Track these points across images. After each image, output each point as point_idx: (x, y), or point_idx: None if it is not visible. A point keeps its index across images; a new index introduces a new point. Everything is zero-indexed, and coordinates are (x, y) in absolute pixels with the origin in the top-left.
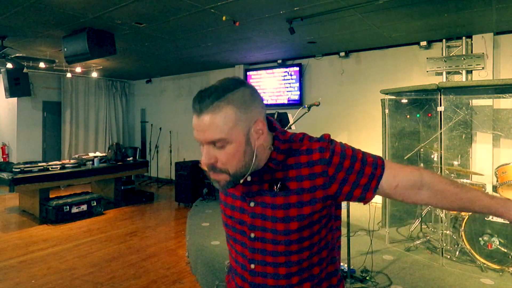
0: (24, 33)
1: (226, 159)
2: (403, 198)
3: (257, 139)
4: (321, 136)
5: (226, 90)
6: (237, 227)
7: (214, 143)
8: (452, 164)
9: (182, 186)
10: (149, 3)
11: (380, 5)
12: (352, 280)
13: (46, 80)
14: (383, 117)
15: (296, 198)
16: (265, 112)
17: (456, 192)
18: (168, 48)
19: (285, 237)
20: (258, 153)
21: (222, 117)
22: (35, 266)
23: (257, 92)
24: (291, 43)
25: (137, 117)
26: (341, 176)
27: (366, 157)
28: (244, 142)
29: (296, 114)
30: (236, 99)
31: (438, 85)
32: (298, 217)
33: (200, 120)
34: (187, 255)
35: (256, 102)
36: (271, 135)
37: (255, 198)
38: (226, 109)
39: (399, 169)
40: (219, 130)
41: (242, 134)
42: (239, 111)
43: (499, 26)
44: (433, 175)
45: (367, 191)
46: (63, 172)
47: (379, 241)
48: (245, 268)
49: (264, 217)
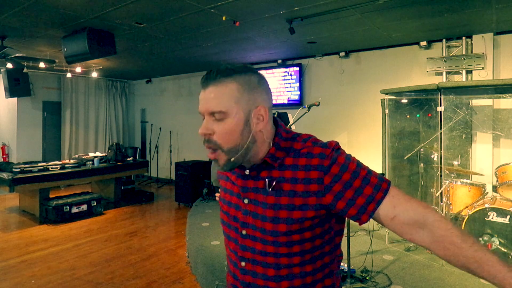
0: (24, 33)
1: (222, 133)
2: (400, 233)
3: (257, 124)
4: (327, 142)
5: (234, 70)
6: (231, 223)
7: (214, 115)
8: (452, 164)
9: (182, 186)
10: (149, 3)
11: (380, 5)
12: (352, 280)
13: (46, 80)
14: (383, 117)
15: (287, 200)
16: (271, 104)
17: (461, 247)
18: (168, 48)
19: (273, 238)
20: (257, 139)
21: (225, 92)
22: (35, 266)
23: (265, 82)
24: (291, 43)
25: (137, 117)
26: (337, 189)
27: (371, 176)
28: (243, 121)
29: (296, 114)
30: (242, 79)
31: (438, 85)
32: (287, 220)
33: (205, 92)
34: (187, 255)
35: (262, 89)
36: (273, 129)
37: (249, 195)
38: (231, 85)
39: (403, 200)
40: (221, 102)
41: (242, 113)
42: (243, 90)
43: (499, 26)
44: (440, 219)
45: (363, 214)
46: (63, 172)
47: (379, 241)
48: (236, 266)
49: (255, 215)
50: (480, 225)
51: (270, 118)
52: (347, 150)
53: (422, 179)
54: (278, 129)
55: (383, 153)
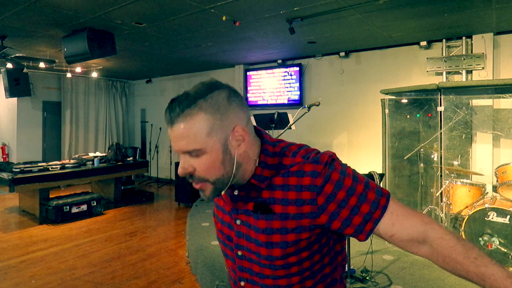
0: (24, 33)
1: (204, 168)
2: (401, 247)
3: (238, 147)
4: (318, 155)
5: (197, 96)
6: (226, 242)
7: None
8: (452, 164)
9: (182, 186)
10: (149, 3)
11: (380, 5)
12: (352, 280)
13: (46, 80)
14: (383, 117)
15: (279, 224)
16: (249, 117)
17: (463, 264)
18: (168, 48)
19: (270, 262)
20: (242, 162)
21: (195, 126)
22: (35, 266)
23: (235, 94)
24: (291, 43)
25: (137, 117)
26: (332, 208)
27: (368, 192)
28: (222, 151)
29: (296, 114)
30: (208, 105)
31: (438, 85)
32: (282, 244)
33: (173, 130)
34: (187, 255)
35: (234, 106)
36: (258, 143)
37: (240, 217)
38: (198, 117)
39: (402, 217)
40: (193, 140)
41: (218, 143)
42: (213, 118)
43: (499, 26)
44: (441, 236)
45: (360, 233)
46: (63, 172)
47: (379, 241)
48: (236, 284)
49: (249, 238)
50: (480, 225)
51: (251, 133)
52: (347, 150)
53: (422, 179)
54: (263, 145)
55: (383, 153)
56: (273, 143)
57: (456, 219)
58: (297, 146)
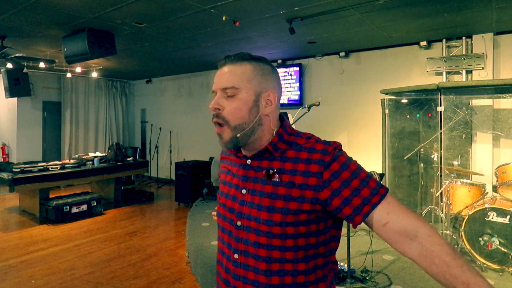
0: (24, 33)
1: (232, 109)
2: (391, 242)
3: (265, 107)
4: (330, 141)
5: (251, 56)
6: (227, 215)
7: (226, 91)
8: (452, 164)
9: (182, 186)
10: (149, 3)
11: (380, 5)
12: (352, 280)
13: (46, 80)
14: (383, 117)
15: (284, 190)
16: (280, 94)
17: (450, 265)
18: (168, 48)
19: (267, 228)
20: (263, 122)
21: (240, 71)
22: (35, 266)
23: (278, 74)
24: (291, 43)
25: (137, 117)
26: (335, 185)
27: (369, 180)
28: (252, 100)
29: (296, 114)
30: (256, 64)
31: (438, 85)
32: (283, 210)
33: (221, 70)
34: (187, 255)
35: (273, 77)
36: (279, 122)
37: (248, 185)
38: (246, 66)
39: (397, 209)
40: (234, 79)
41: (252, 92)
42: (256, 73)
43: (499, 26)
44: (432, 234)
45: (357, 214)
46: (63, 172)
47: (379, 241)
48: (229, 259)
49: (252, 204)
50: (480, 225)
51: (278, 107)
52: (347, 150)
53: (422, 179)
54: (283, 123)
55: (383, 153)
56: (291, 127)
57: (456, 219)
58: (311, 134)
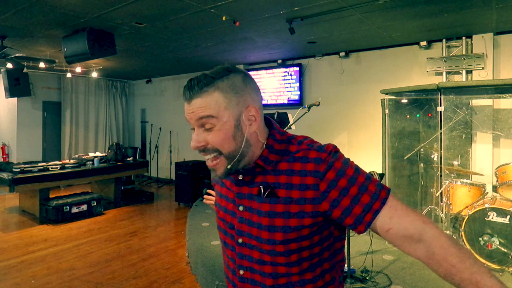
0: (24, 33)
1: (217, 140)
2: (397, 245)
3: (249, 126)
4: (323, 145)
5: (215, 76)
6: (227, 230)
7: (204, 125)
8: (452, 164)
9: (182, 186)
10: (149, 3)
11: (380, 5)
12: (352, 280)
13: (46, 80)
14: (383, 117)
15: (283, 208)
16: (261, 101)
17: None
18: (168, 48)
19: (270, 247)
20: (251, 142)
21: (211, 101)
22: (35, 266)
23: (250, 78)
24: (291, 43)
25: (137, 117)
26: (333, 196)
27: (369, 183)
28: (234, 126)
29: (296, 114)
30: (225, 85)
31: (438, 85)
32: (284, 228)
33: (190, 105)
34: (187, 255)
35: (249, 89)
36: (266, 130)
37: (244, 202)
38: (215, 94)
39: (400, 212)
40: (209, 108)
41: (232, 118)
42: (230, 94)
43: (499, 26)
44: (438, 236)
45: (360, 224)
46: (63, 172)
47: (379, 241)
48: (235, 274)
49: (251, 223)
50: (480, 225)
51: (262, 118)
52: (347, 150)
53: (422, 179)
54: (271, 130)
55: (383, 153)
56: (280, 132)
57: (456, 219)
58: (303, 137)
